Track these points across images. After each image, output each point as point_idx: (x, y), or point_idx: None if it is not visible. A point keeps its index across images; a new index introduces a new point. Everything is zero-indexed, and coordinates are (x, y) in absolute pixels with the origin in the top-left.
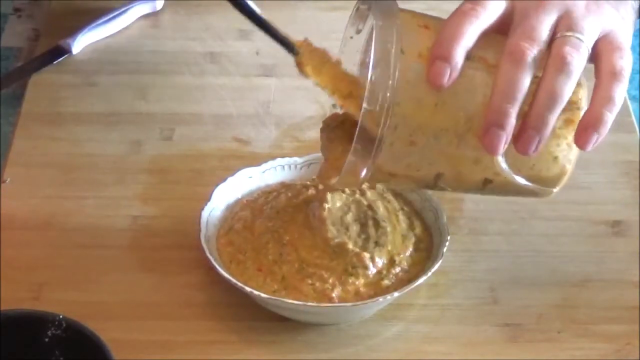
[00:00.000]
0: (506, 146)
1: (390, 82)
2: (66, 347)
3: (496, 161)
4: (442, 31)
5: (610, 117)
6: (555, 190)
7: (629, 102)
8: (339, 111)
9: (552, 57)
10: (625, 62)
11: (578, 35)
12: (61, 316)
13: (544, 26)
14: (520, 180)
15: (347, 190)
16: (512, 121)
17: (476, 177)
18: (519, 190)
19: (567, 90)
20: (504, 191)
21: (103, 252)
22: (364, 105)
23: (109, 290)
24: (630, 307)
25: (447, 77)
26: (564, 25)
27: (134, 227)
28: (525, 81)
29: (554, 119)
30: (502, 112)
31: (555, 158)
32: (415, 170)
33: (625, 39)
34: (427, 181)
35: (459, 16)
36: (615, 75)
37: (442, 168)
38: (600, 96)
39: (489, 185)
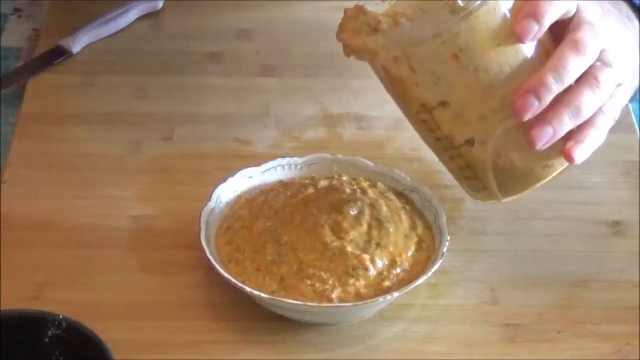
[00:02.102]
0: (531, 117)
1: None
2: (66, 347)
3: (495, 131)
4: None
5: (553, 86)
6: (500, 200)
7: (629, 102)
8: None
9: (586, 75)
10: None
11: (614, 72)
12: (61, 316)
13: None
14: (490, 168)
15: (347, 190)
16: (548, 98)
17: (466, 131)
18: (476, 175)
19: (590, 110)
20: (464, 166)
21: (103, 252)
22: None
23: (109, 290)
24: (630, 307)
25: (532, 36)
26: (604, 59)
27: (134, 227)
28: (577, 72)
29: (568, 129)
30: (545, 85)
31: (532, 171)
32: (433, 83)
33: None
34: (427, 98)
35: None
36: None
37: (453, 99)
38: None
39: (464, 147)
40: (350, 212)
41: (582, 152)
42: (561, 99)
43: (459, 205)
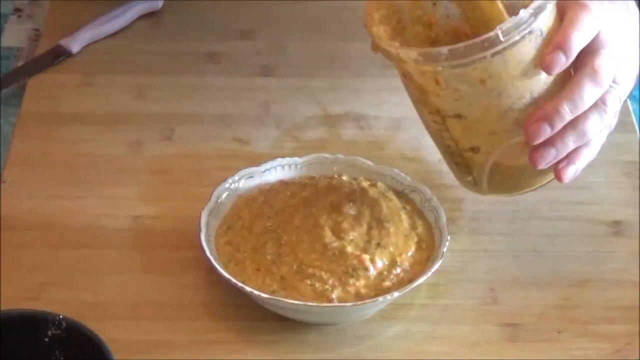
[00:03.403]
0: (541, 140)
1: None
2: (66, 347)
3: (502, 145)
4: (572, 25)
5: (566, 113)
6: (484, 195)
7: (629, 102)
8: None
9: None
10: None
11: (621, 90)
12: (61, 316)
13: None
14: (487, 171)
15: (347, 190)
16: (560, 126)
17: (474, 141)
18: (470, 172)
19: (594, 134)
20: (462, 163)
21: (103, 252)
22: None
23: (109, 290)
24: (630, 307)
25: (559, 69)
26: (615, 79)
27: (134, 227)
28: (592, 101)
29: (569, 150)
30: (559, 114)
31: (523, 180)
32: (454, 99)
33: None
34: (445, 108)
35: (586, 15)
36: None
37: (470, 115)
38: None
39: (468, 152)
40: (350, 212)
41: (572, 171)
42: (569, 122)
43: (459, 205)
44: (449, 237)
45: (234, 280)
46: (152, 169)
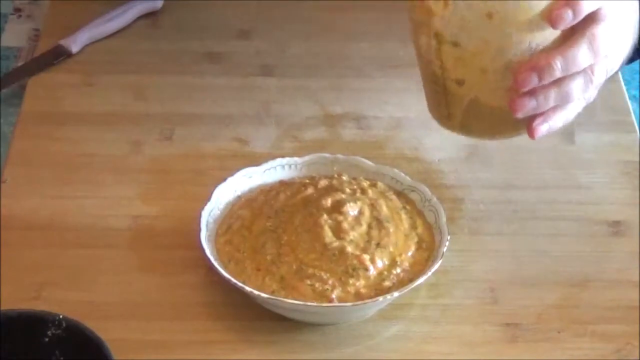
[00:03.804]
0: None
1: None
2: (66, 347)
3: (487, 85)
4: None
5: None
6: (454, 132)
7: (629, 102)
8: None
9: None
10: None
11: (610, 63)
12: (61, 316)
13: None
14: (464, 107)
15: (347, 189)
16: (548, 80)
17: (463, 73)
18: (447, 104)
19: (576, 98)
20: (442, 93)
21: (103, 252)
22: None
23: (109, 290)
24: (630, 307)
25: (564, 25)
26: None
27: (134, 227)
28: (583, 66)
29: (549, 107)
30: (550, 69)
31: (496, 126)
32: (458, 26)
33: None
34: (445, 33)
35: None
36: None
37: (468, 47)
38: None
39: (452, 82)
40: (350, 212)
41: (545, 129)
42: (555, 80)
43: (459, 205)
44: (449, 237)
45: (234, 280)
46: (152, 169)
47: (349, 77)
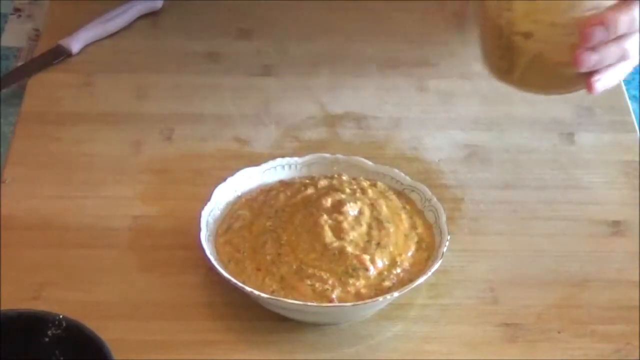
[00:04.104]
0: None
1: None
2: (66, 347)
3: (554, 38)
4: None
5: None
6: (513, 85)
7: (629, 102)
8: None
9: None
10: None
11: None
12: (61, 316)
13: None
14: (528, 60)
15: (347, 189)
16: (613, 35)
17: (531, 27)
18: (509, 58)
19: (634, 57)
20: (504, 48)
21: (103, 252)
22: None
23: (109, 290)
24: (630, 307)
25: None
26: None
27: (134, 227)
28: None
29: (609, 63)
30: (616, 25)
31: (557, 79)
32: None
33: None
34: None
35: None
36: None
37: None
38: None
39: (519, 36)
40: (350, 212)
41: (601, 86)
42: (617, 38)
43: (459, 205)
44: (449, 237)
45: (234, 280)
46: (152, 169)
47: (349, 77)
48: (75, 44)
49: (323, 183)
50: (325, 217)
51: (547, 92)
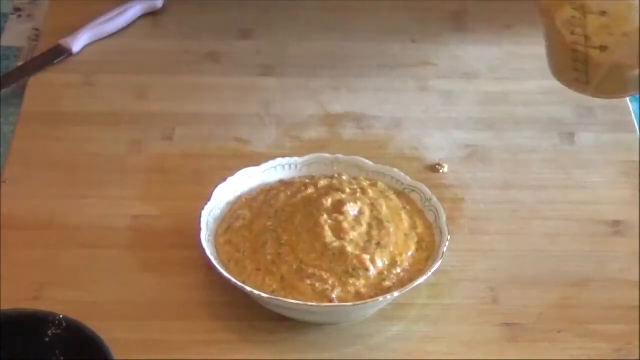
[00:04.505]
0: None
1: None
2: (66, 347)
3: (629, 48)
4: None
5: None
6: (589, 94)
7: (629, 102)
8: None
9: None
10: None
11: None
12: (61, 316)
13: None
14: (605, 71)
15: (347, 189)
16: None
17: (606, 40)
18: (585, 71)
19: None
20: (581, 61)
21: (103, 252)
22: None
23: (109, 290)
24: (630, 307)
25: None
26: None
27: (134, 227)
28: None
29: None
30: None
31: (632, 84)
32: None
33: None
34: (592, 5)
35: None
36: None
37: (612, 12)
38: None
39: (595, 50)
40: (351, 212)
41: None
42: None
43: (459, 205)
44: (449, 237)
45: (234, 280)
46: (152, 169)
47: (349, 77)
48: (76, 43)
49: (323, 183)
50: (325, 217)
51: (624, 95)
